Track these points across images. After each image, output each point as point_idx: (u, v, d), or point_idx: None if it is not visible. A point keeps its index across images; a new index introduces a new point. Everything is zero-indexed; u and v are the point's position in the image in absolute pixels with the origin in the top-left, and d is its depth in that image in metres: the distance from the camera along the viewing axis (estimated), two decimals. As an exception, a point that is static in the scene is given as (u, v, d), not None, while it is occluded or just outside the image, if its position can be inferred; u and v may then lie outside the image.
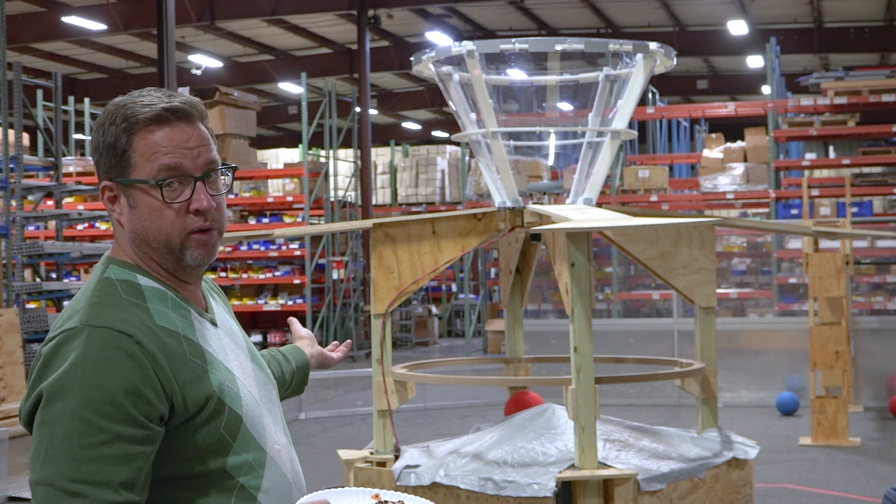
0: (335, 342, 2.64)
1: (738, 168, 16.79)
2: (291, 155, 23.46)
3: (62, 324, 1.78)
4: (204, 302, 1.95)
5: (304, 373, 2.44)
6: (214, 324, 1.93)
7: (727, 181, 16.77)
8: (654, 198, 16.77)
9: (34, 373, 1.76)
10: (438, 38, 22.07)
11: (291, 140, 30.96)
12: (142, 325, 1.77)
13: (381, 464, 4.47)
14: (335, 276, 19.08)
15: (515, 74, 4.76)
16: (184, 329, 1.84)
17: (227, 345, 1.92)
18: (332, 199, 19.48)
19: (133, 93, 1.90)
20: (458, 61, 4.51)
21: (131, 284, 1.84)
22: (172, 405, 1.75)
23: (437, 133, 33.32)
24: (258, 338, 18.77)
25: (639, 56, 4.48)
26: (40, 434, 1.71)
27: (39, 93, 18.12)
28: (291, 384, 2.40)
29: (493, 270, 20.77)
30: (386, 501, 1.83)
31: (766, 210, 17.37)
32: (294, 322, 2.59)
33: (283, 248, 18.35)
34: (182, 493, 1.79)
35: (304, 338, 2.53)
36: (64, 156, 15.95)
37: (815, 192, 15.88)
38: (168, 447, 1.76)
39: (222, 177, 1.92)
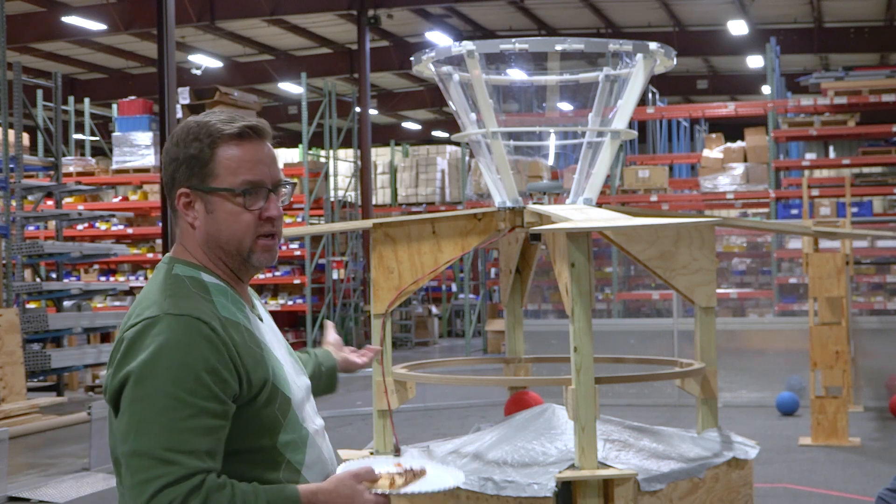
0: (367, 348, 2.81)
1: (738, 168, 16.79)
2: (291, 155, 23.45)
3: (140, 312, 2.00)
4: (251, 301, 2.21)
5: (333, 373, 2.64)
6: (261, 319, 2.19)
7: (727, 181, 16.77)
8: (654, 198, 16.77)
9: (118, 355, 1.97)
10: (438, 38, 22.07)
11: (291, 140, 30.95)
12: (212, 315, 2.01)
13: (381, 464, 4.47)
14: (335, 276, 19.08)
15: (515, 74, 4.75)
16: (242, 320, 2.09)
17: (271, 337, 2.17)
18: (332, 199, 19.48)
19: (207, 113, 2.14)
20: (458, 61, 4.51)
21: (197, 280, 2.09)
22: (241, 385, 1.99)
23: (437, 133, 33.31)
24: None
25: (639, 56, 4.48)
26: (133, 410, 1.93)
27: (39, 93, 18.11)
28: (321, 383, 2.59)
29: (493, 270, 20.78)
30: (411, 468, 2.07)
31: (766, 210, 17.38)
32: (329, 326, 2.81)
33: (283, 248, 18.34)
34: (239, 466, 1.99)
35: (331, 343, 2.73)
36: (64, 156, 15.95)
37: (815, 192, 15.88)
38: (234, 424, 1.98)
39: (285, 190, 2.18)
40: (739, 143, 17.38)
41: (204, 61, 24.68)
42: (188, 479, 1.89)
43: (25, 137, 14.17)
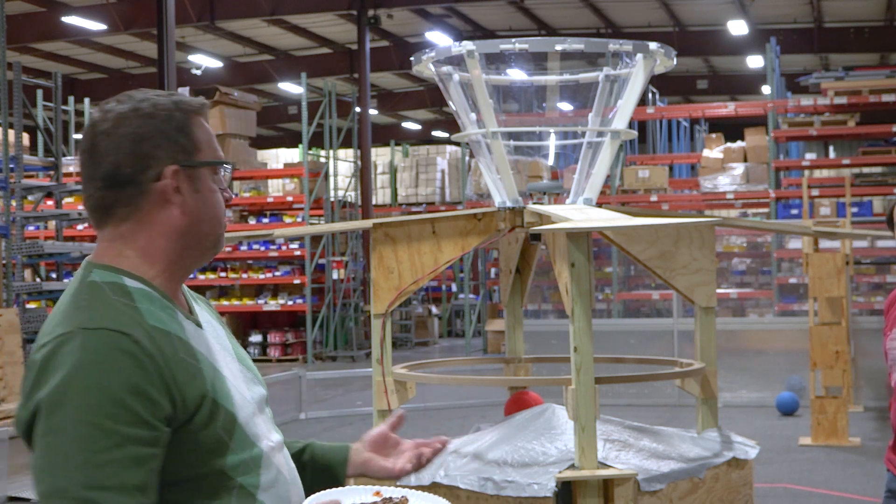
0: (424, 447, 2.13)
1: (738, 168, 16.79)
2: (291, 155, 23.47)
3: (51, 329, 1.72)
4: (187, 305, 1.91)
5: (334, 472, 2.12)
6: (199, 325, 1.88)
7: (727, 181, 16.78)
8: (654, 198, 16.77)
9: (29, 381, 1.70)
10: (438, 38, 22.08)
11: (291, 140, 30.95)
12: (136, 325, 1.71)
13: (381, 464, 4.47)
14: (335, 276, 19.07)
15: (515, 74, 4.75)
16: (174, 328, 1.79)
17: (213, 346, 1.87)
18: (332, 199, 19.48)
19: (148, 91, 1.87)
20: (458, 61, 4.51)
21: (118, 286, 1.78)
22: (174, 405, 1.70)
23: (437, 133, 33.31)
24: (258, 338, 18.77)
25: (639, 56, 4.48)
26: (45, 444, 1.66)
27: (39, 93, 18.12)
28: (315, 479, 2.09)
29: (493, 270, 20.78)
30: (390, 498, 1.83)
31: (766, 210, 17.38)
32: (388, 423, 2.16)
33: (283, 248, 18.35)
34: (183, 495, 1.74)
35: (370, 439, 2.14)
36: (64, 156, 15.94)
37: (815, 192, 15.88)
38: (170, 449, 1.71)
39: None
40: (739, 143, 17.38)
41: (204, 61, 24.68)
42: None
43: (25, 137, 14.17)
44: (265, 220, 18.67)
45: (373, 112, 27.11)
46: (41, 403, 1.66)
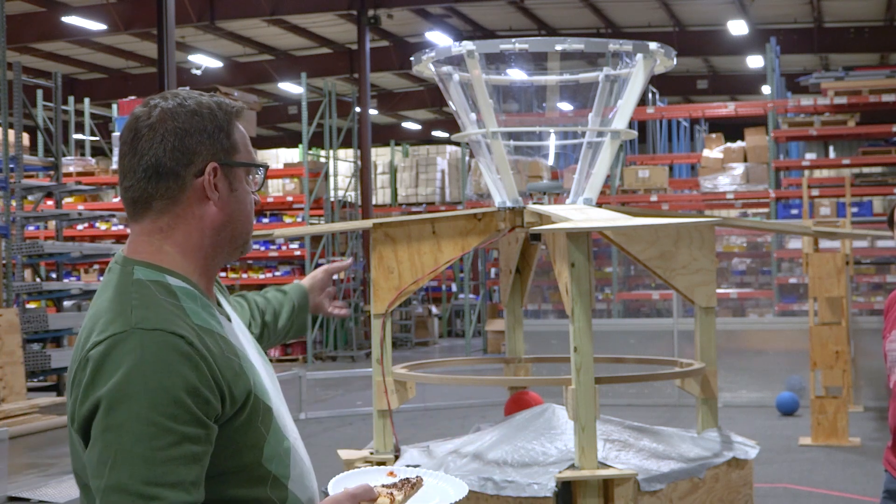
0: (340, 304, 2.97)
1: (738, 168, 16.79)
2: (291, 155, 23.46)
3: (104, 327, 1.76)
4: (216, 299, 1.98)
5: (305, 313, 2.72)
6: (229, 319, 1.95)
7: (727, 181, 16.78)
8: (654, 198, 16.77)
9: (85, 378, 1.73)
10: (438, 38, 22.08)
11: (291, 140, 30.95)
12: (186, 326, 1.78)
13: (381, 464, 4.47)
14: (335, 276, 19.08)
15: (515, 74, 4.75)
16: (216, 327, 1.85)
17: (242, 339, 1.93)
18: (332, 199, 19.49)
19: (191, 91, 1.95)
20: (458, 61, 4.50)
21: (163, 285, 1.83)
22: (223, 403, 1.77)
23: (437, 133, 33.31)
24: (258, 338, 18.77)
25: (639, 56, 4.48)
26: (105, 440, 1.70)
27: (39, 93, 18.13)
28: (294, 325, 2.67)
29: (493, 270, 20.79)
30: (407, 479, 1.90)
31: (766, 210, 17.38)
32: (325, 267, 2.88)
33: (283, 248, 18.36)
34: (222, 487, 1.80)
35: (316, 279, 2.83)
36: (64, 156, 15.95)
37: (815, 192, 15.89)
38: (216, 444, 1.78)
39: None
40: (739, 143, 17.38)
41: (204, 61, 24.68)
42: None
43: (25, 137, 14.17)
44: (265, 220, 18.67)
45: (373, 112, 27.11)
46: (101, 399, 1.71)
